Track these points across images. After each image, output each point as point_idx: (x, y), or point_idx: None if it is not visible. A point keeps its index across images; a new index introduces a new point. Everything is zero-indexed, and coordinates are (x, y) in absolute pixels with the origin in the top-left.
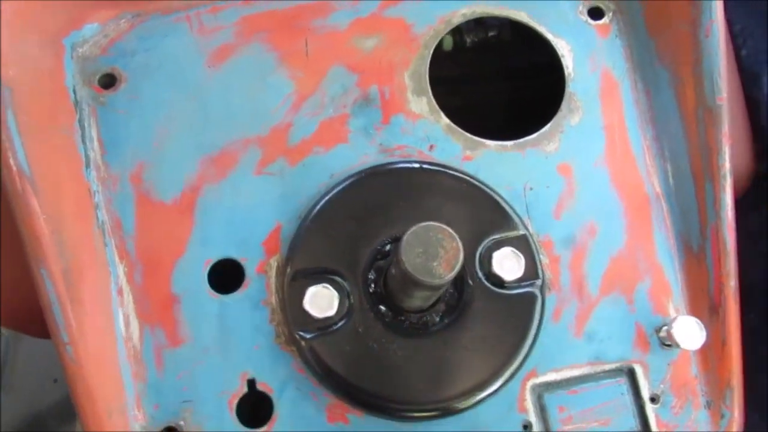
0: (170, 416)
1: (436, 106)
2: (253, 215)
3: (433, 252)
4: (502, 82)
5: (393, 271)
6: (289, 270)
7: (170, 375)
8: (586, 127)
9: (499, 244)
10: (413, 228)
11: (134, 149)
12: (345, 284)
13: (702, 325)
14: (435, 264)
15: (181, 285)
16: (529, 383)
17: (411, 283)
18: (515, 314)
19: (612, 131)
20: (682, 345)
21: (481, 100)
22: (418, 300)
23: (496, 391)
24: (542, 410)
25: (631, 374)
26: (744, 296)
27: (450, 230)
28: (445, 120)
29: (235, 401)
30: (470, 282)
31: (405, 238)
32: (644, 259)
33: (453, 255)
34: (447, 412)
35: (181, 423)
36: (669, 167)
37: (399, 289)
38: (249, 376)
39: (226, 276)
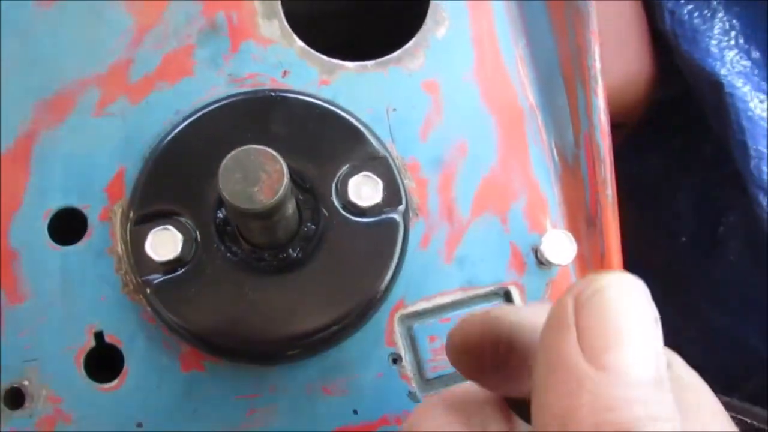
0: (14, 376)
1: (289, 30)
2: (94, 160)
3: (254, 177)
4: (372, 15)
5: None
6: (132, 214)
7: (11, 334)
8: (454, 40)
9: (356, 170)
10: (232, 153)
11: None
12: (191, 224)
13: (572, 238)
14: (255, 189)
15: (19, 239)
16: (398, 314)
17: (236, 213)
18: (376, 243)
19: (481, 42)
20: (553, 260)
21: (353, 35)
22: (260, 233)
23: (358, 325)
24: (412, 341)
25: (507, 296)
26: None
27: (273, 152)
28: (299, 43)
29: (83, 356)
30: (326, 213)
31: (223, 163)
32: (519, 175)
33: (276, 179)
34: (307, 352)
35: (26, 383)
36: (542, 76)
37: (237, 224)
38: (96, 329)
39: (68, 226)
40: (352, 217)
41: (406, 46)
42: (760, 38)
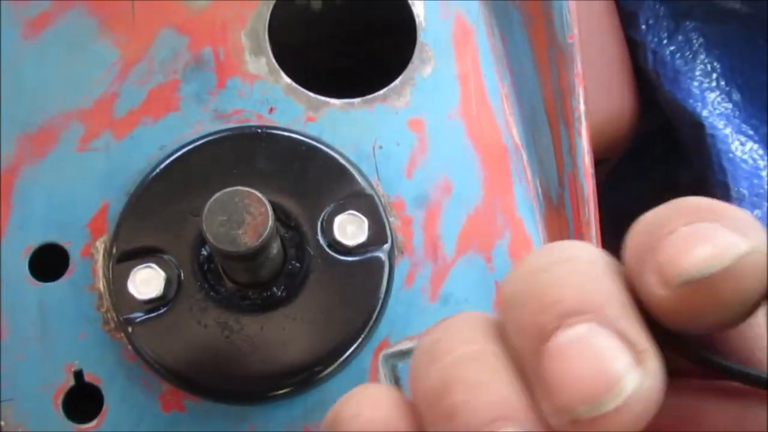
0: None
1: (276, 66)
2: (77, 195)
3: (238, 219)
4: (359, 45)
5: None
6: (114, 251)
7: None
8: (439, 78)
9: (341, 208)
10: (217, 194)
11: None
12: (174, 262)
13: None
14: (240, 232)
15: None
16: (382, 354)
17: (219, 254)
18: (361, 282)
19: (467, 81)
20: None
21: (341, 64)
22: (244, 273)
23: (342, 365)
24: (396, 381)
25: None
26: None
27: (258, 194)
28: (286, 80)
29: (61, 395)
30: (311, 251)
31: (207, 205)
32: (503, 214)
33: (261, 221)
34: (290, 391)
35: (1, 423)
36: (526, 114)
37: (221, 263)
38: (75, 368)
39: (49, 262)
40: (337, 256)
41: (392, 84)
42: (741, 81)
